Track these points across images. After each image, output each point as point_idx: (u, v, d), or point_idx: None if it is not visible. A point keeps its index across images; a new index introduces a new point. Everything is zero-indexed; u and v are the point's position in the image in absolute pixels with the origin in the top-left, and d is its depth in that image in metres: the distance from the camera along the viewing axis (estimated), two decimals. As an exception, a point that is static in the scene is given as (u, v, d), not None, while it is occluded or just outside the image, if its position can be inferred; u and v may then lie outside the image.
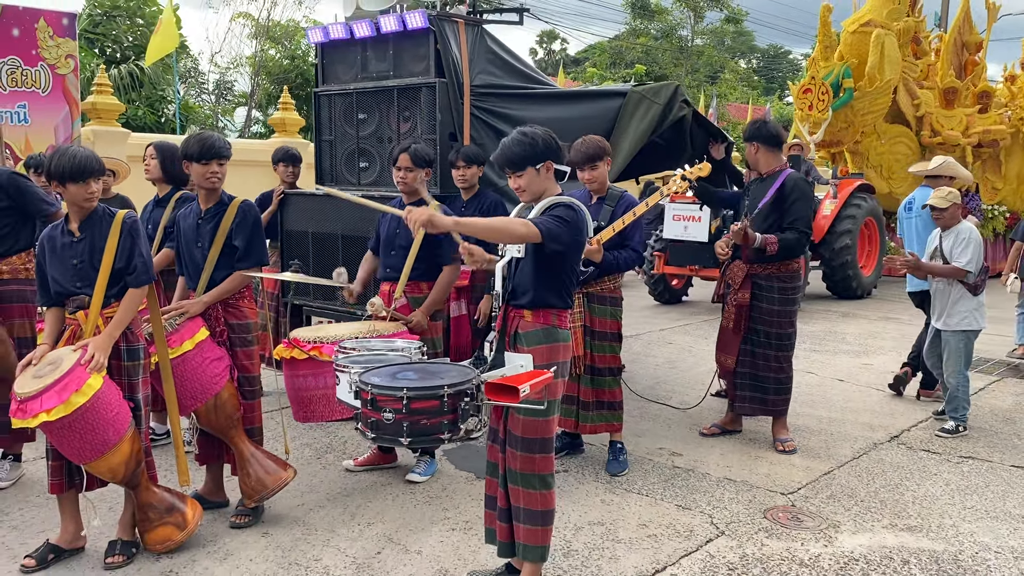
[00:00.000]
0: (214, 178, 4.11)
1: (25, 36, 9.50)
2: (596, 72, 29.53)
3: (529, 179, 3.35)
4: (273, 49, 21.76)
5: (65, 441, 3.49)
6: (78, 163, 3.58)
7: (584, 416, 4.86)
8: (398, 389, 3.12)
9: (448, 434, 3.17)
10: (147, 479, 3.77)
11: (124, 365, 3.70)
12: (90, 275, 3.65)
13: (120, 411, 3.57)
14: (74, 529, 3.76)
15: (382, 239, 4.90)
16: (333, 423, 5.74)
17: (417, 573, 3.65)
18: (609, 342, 4.80)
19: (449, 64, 5.68)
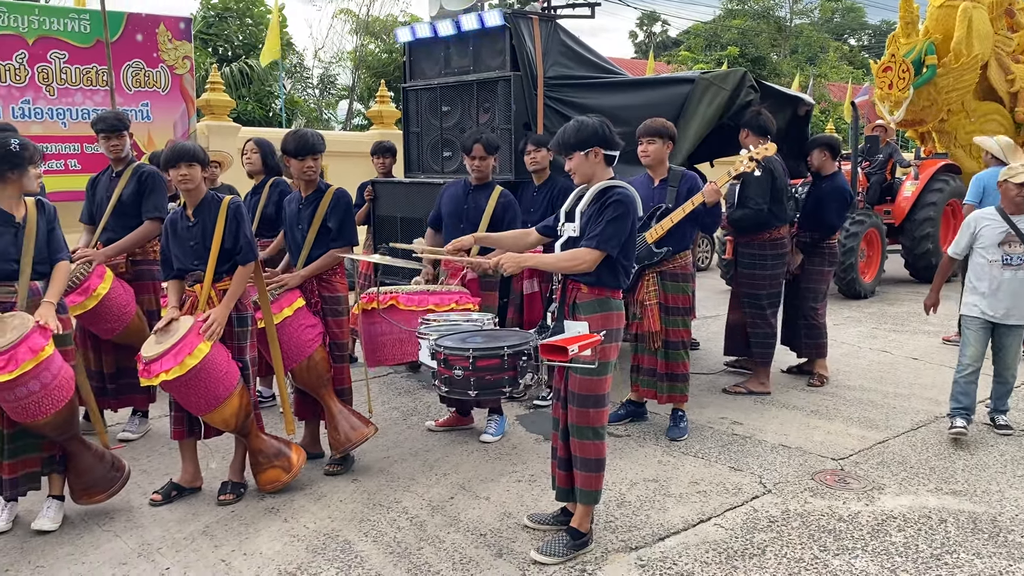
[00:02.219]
0: (310, 172, 4.65)
1: (147, 41, 10.41)
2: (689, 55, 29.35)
3: (578, 162, 3.72)
4: (372, 44, 22.61)
5: (184, 396, 4.11)
6: (173, 150, 4.23)
7: (648, 383, 5.27)
8: (465, 350, 3.64)
9: (508, 388, 3.66)
10: (256, 428, 4.35)
11: (235, 331, 4.29)
12: (203, 254, 4.25)
13: (229, 370, 4.15)
14: (192, 471, 4.40)
15: (446, 214, 5.37)
16: (419, 390, 6.29)
17: (484, 515, 4.12)
18: (681, 316, 5.16)
19: (524, 58, 6.10)
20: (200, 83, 12.59)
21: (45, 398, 3.69)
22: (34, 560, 3.66)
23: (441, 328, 4.24)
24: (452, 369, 3.63)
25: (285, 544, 3.81)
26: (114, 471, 4.11)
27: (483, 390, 3.66)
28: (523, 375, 3.63)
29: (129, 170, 5.13)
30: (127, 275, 5.11)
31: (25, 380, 3.61)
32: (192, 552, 3.73)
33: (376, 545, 3.80)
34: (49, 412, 3.73)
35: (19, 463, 3.91)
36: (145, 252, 5.21)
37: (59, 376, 3.74)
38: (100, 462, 4.08)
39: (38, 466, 3.99)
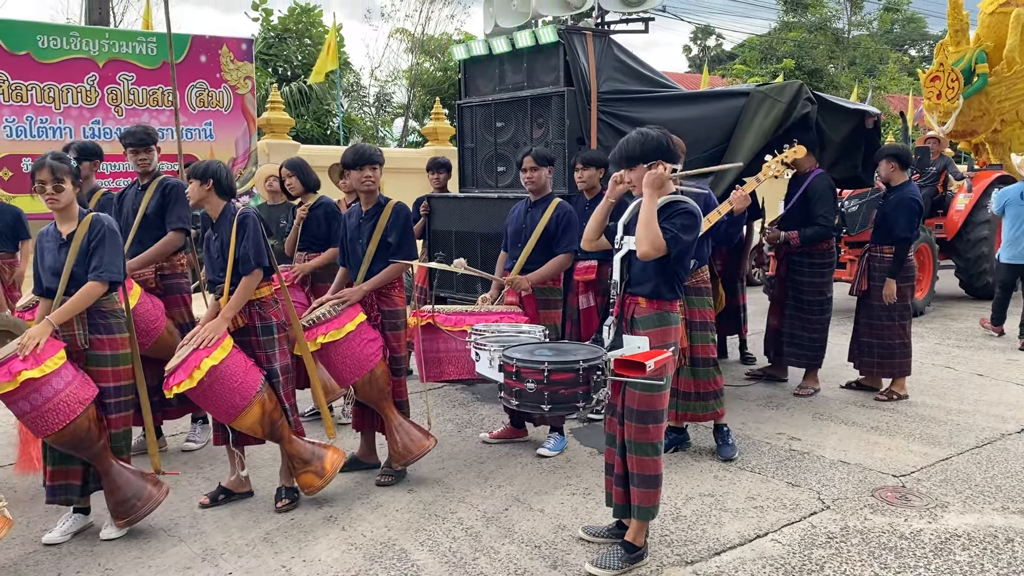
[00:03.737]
0: (368, 181, 4.72)
1: (211, 62, 10.75)
2: (744, 69, 29.12)
3: (640, 175, 3.70)
4: (427, 62, 22.92)
5: (205, 406, 4.29)
6: (357, 152, 4.59)
7: (684, 406, 5.08)
8: (539, 363, 3.59)
9: (583, 403, 3.62)
10: (289, 434, 4.42)
11: (260, 340, 4.38)
12: (223, 266, 4.36)
13: (246, 380, 4.21)
14: (237, 476, 4.52)
15: (509, 233, 5.42)
16: (473, 402, 6.35)
17: (538, 527, 4.14)
18: (708, 332, 5.02)
19: (577, 73, 6.15)
20: (261, 102, 12.91)
21: (38, 419, 3.75)
22: (103, 563, 3.79)
23: (495, 339, 4.26)
24: (524, 382, 3.59)
25: (343, 552, 3.88)
26: (136, 500, 4.04)
27: (556, 404, 3.59)
28: (596, 390, 3.60)
29: (155, 183, 5.19)
30: (157, 290, 5.16)
31: (13, 399, 3.70)
32: (253, 558, 3.82)
33: (432, 555, 3.85)
34: (48, 432, 3.79)
35: (59, 472, 4.01)
36: (174, 266, 5.27)
37: (53, 400, 3.74)
38: (123, 488, 4.03)
39: (79, 479, 4.06)
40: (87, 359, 3.98)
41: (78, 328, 3.94)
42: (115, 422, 4.05)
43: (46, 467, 4.00)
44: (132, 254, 5.08)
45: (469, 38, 22.86)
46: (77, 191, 4.07)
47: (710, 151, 6.03)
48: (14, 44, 9.37)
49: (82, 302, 3.90)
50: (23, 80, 9.44)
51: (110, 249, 3.99)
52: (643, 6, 6.52)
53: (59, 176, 3.94)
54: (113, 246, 4.02)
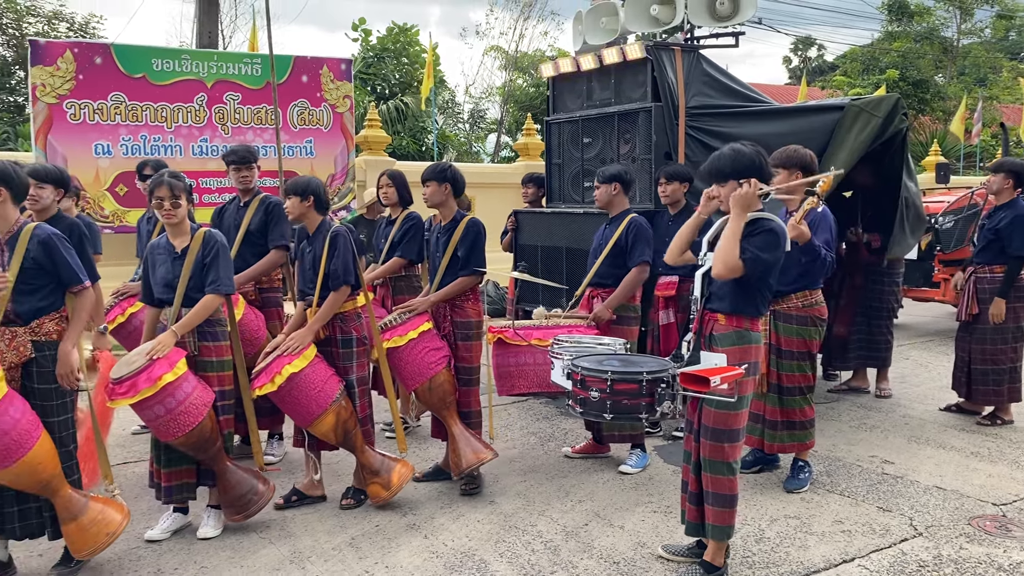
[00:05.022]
0: (424, 195, 4.92)
1: (311, 82, 11.13)
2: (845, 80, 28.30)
3: (730, 191, 3.67)
4: (520, 78, 23.16)
5: (284, 408, 4.51)
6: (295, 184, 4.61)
7: (771, 435, 4.92)
8: (603, 372, 3.69)
9: (645, 414, 3.67)
10: (362, 443, 4.58)
11: (340, 352, 4.56)
12: (314, 279, 4.54)
13: (324, 389, 4.39)
14: (310, 478, 4.71)
15: (591, 250, 5.45)
16: (556, 416, 6.38)
17: (618, 543, 4.13)
18: (797, 361, 4.80)
19: (665, 89, 6.14)
20: (359, 120, 13.30)
21: (171, 422, 3.96)
22: (199, 561, 3.98)
23: (574, 349, 4.31)
24: (588, 390, 3.68)
25: (424, 560, 3.96)
26: (253, 495, 4.28)
27: (619, 414, 3.69)
28: (660, 402, 3.63)
29: (256, 200, 5.37)
30: (256, 302, 5.34)
31: (149, 404, 3.92)
32: (339, 562, 3.94)
33: (511, 566, 3.89)
34: (178, 434, 4.00)
35: (174, 473, 4.22)
36: (271, 280, 5.45)
37: (184, 403, 3.97)
38: (240, 485, 4.26)
39: (193, 478, 4.28)
40: (196, 365, 4.20)
41: (189, 336, 4.17)
42: (222, 424, 4.27)
43: (159, 469, 4.22)
44: (235, 269, 5.29)
45: (562, 54, 23.01)
46: (190, 207, 4.32)
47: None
48: (131, 67, 9.92)
49: (203, 313, 4.15)
50: (139, 101, 9.98)
51: (224, 264, 4.23)
52: (734, 20, 6.47)
53: (176, 193, 4.18)
54: (226, 261, 4.26)
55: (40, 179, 4.67)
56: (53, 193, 4.73)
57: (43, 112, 9.49)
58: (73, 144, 9.65)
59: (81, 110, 9.67)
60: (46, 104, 9.48)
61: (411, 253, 5.62)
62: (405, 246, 5.61)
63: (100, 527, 3.74)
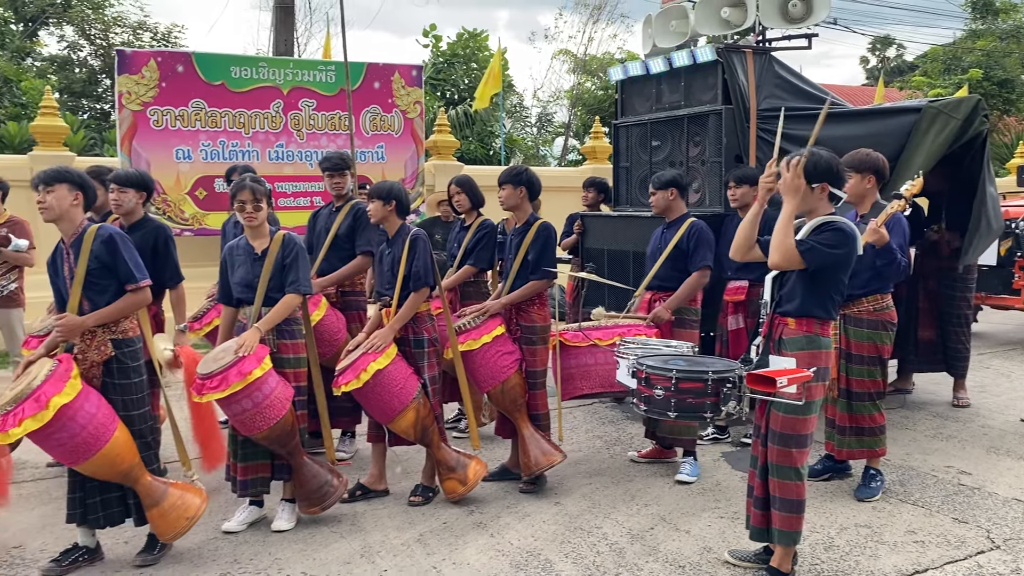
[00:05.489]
0: (500, 198, 4.98)
1: (383, 88, 11.35)
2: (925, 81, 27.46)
3: (803, 194, 3.67)
4: (589, 82, 23.14)
5: (366, 406, 4.63)
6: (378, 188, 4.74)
7: (840, 441, 4.85)
8: (668, 370, 3.71)
9: (710, 414, 3.68)
10: (439, 440, 4.67)
11: (412, 352, 4.67)
12: (393, 280, 4.64)
13: (405, 386, 4.51)
14: (377, 473, 4.85)
15: (648, 253, 5.45)
16: (622, 420, 6.38)
17: (683, 547, 4.12)
18: (867, 366, 4.74)
19: (736, 91, 6.10)
20: (428, 125, 13.47)
21: (257, 416, 4.11)
22: (273, 553, 4.11)
23: (640, 350, 4.32)
24: (653, 388, 3.70)
25: (491, 558, 4.02)
26: (328, 487, 4.42)
27: (683, 412, 3.70)
28: (725, 402, 3.62)
29: (348, 206, 5.52)
30: (337, 304, 5.46)
31: (237, 399, 4.06)
32: (407, 557, 4.03)
33: (576, 567, 3.92)
34: (263, 428, 4.14)
35: (250, 467, 4.37)
36: (353, 284, 5.56)
37: (270, 397, 4.12)
38: (316, 478, 4.40)
39: (268, 472, 4.42)
40: (274, 362, 4.34)
41: (269, 334, 4.32)
42: (298, 419, 4.40)
43: (235, 464, 4.38)
44: (321, 271, 5.42)
45: (631, 56, 22.93)
46: (270, 211, 4.47)
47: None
48: (211, 75, 10.27)
49: (283, 311, 4.30)
50: (218, 108, 10.32)
51: (302, 265, 4.39)
52: (807, 22, 6.38)
53: (257, 197, 4.34)
54: (304, 262, 4.41)
55: (121, 183, 4.87)
56: (135, 197, 4.93)
57: (128, 119, 9.90)
58: (156, 149, 10.04)
59: (163, 117, 10.05)
60: (131, 111, 9.89)
61: (483, 262, 5.67)
62: (477, 254, 5.66)
63: (180, 512, 3.93)
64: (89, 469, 3.75)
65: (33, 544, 4.21)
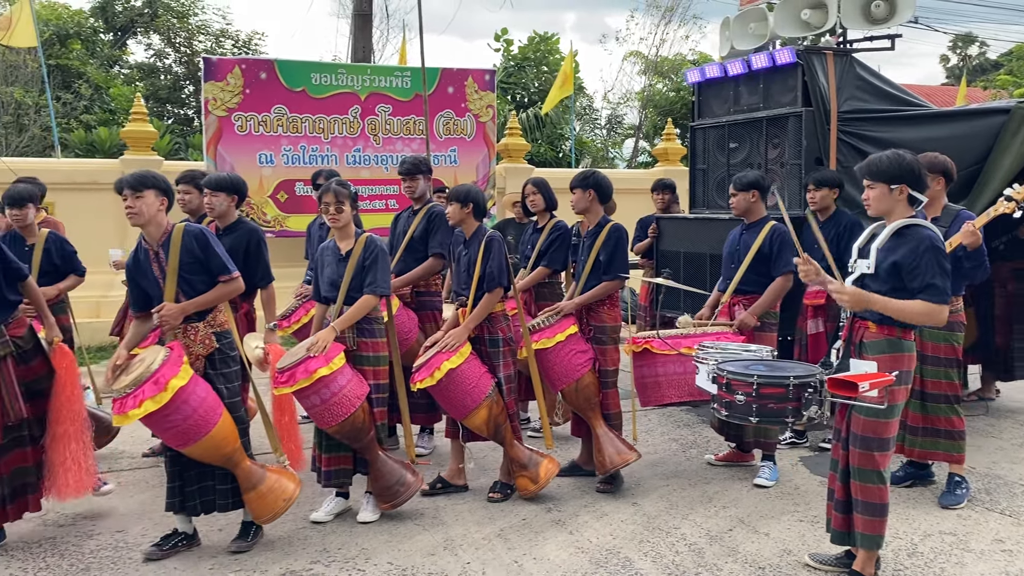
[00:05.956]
0: (571, 202, 5.07)
1: (457, 93, 11.52)
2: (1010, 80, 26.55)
3: (880, 194, 3.64)
4: (660, 83, 23.02)
5: (440, 401, 4.75)
6: (456, 191, 4.86)
7: (911, 441, 4.77)
8: (750, 376, 3.74)
9: (792, 418, 3.70)
10: (512, 438, 4.77)
11: (487, 351, 4.78)
12: (469, 281, 4.75)
13: (479, 384, 4.62)
14: (455, 468, 4.99)
15: (724, 256, 5.44)
16: (698, 424, 6.38)
17: (763, 549, 4.13)
18: (943, 368, 4.68)
19: (816, 93, 6.05)
20: (499, 128, 13.60)
21: (326, 411, 4.27)
22: (360, 543, 4.25)
23: (719, 355, 4.34)
24: (734, 394, 3.72)
25: (571, 554, 4.09)
26: (400, 486, 4.52)
27: (765, 417, 3.72)
28: (807, 407, 3.63)
29: (424, 209, 5.64)
30: (412, 304, 5.58)
31: (306, 394, 4.25)
32: (489, 551, 4.13)
33: (655, 565, 3.97)
34: (332, 423, 4.30)
35: (333, 459, 4.53)
36: (428, 284, 5.67)
37: (338, 395, 4.26)
38: (390, 475, 4.52)
39: (350, 464, 4.57)
40: (353, 359, 4.50)
41: (348, 332, 4.48)
42: (375, 416, 4.54)
43: (320, 455, 4.55)
44: (397, 272, 5.53)
45: (703, 57, 22.72)
46: (354, 213, 4.63)
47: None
48: (292, 81, 10.59)
49: (360, 312, 4.45)
50: (299, 113, 10.63)
51: (382, 267, 4.52)
52: (889, 23, 6.29)
53: (340, 199, 4.51)
54: (384, 264, 4.55)
55: (213, 187, 5.10)
56: (227, 200, 5.15)
57: (213, 124, 10.27)
58: (240, 154, 10.39)
59: (247, 122, 10.40)
60: (216, 117, 10.26)
61: (557, 263, 5.74)
62: (551, 256, 5.73)
63: (277, 494, 4.12)
64: (196, 452, 3.95)
65: (134, 529, 4.44)
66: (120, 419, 3.77)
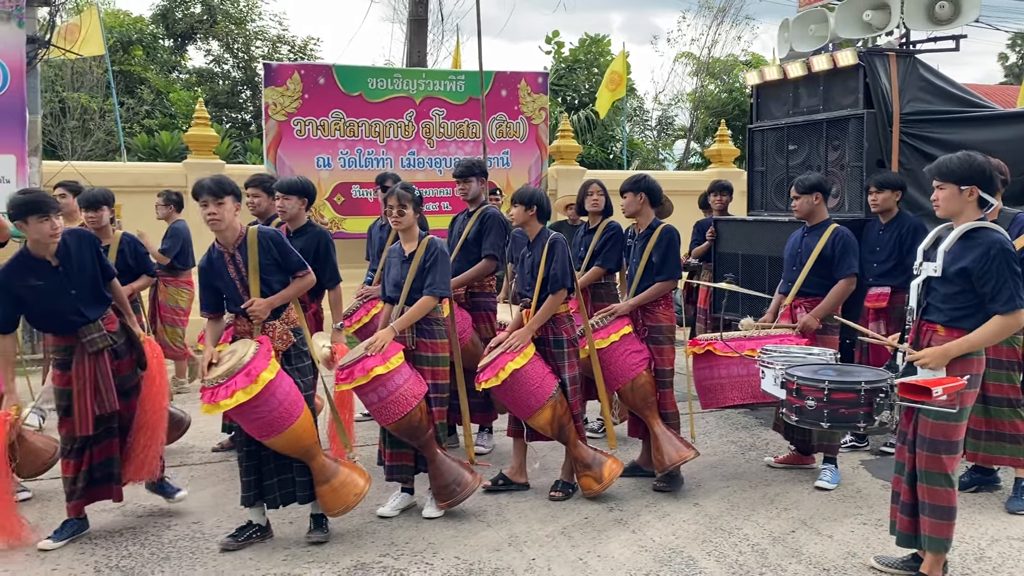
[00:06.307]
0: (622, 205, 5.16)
1: (510, 95, 11.61)
2: (1075, 79, 25.83)
3: (949, 195, 3.63)
4: (712, 84, 22.87)
5: (505, 401, 4.85)
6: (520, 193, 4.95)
7: (974, 444, 4.71)
8: (820, 381, 3.74)
9: (863, 424, 3.69)
10: (575, 438, 4.83)
11: (552, 352, 4.84)
12: (532, 282, 4.83)
13: (543, 384, 4.69)
14: (517, 466, 5.07)
15: (786, 259, 5.44)
16: (756, 426, 6.37)
17: (827, 551, 4.14)
18: (1005, 371, 4.63)
19: (879, 95, 6.01)
20: (551, 131, 13.66)
21: (383, 409, 4.39)
22: (427, 537, 4.36)
23: (783, 359, 4.34)
24: (804, 399, 3.73)
25: (634, 552, 4.15)
26: (457, 486, 4.59)
27: (836, 422, 3.73)
28: (879, 411, 3.63)
29: (479, 211, 5.73)
30: (466, 305, 5.66)
31: (364, 392, 4.38)
32: (553, 548, 4.20)
33: (719, 565, 4.00)
34: (389, 421, 4.42)
35: (396, 455, 4.66)
36: (483, 286, 5.74)
37: (395, 393, 4.38)
38: (448, 474, 4.59)
39: (412, 461, 4.68)
40: (413, 358, 4.61)
41: (408, 332, 4.59)
42: (434, 415, 4.64)
43: (385, 450, 4.67)
44: (452, 273, 5.56)
45: (756, 58, 22.51)
46: (417, 216, 4.74)
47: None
48: (349, 86, 10.78)
49: (418, 312, 4.56)
50: (355, 118, 10.82)
51: (442, 269, 4.62)
52: (954, 23, 6.22)
53: (404, 202, 4.63)
54: (444, 266, 4.65)
55: (285, 191, 5.26)
56: (298, 203, 5.31)
57: (273, 129, 10.50)
58: (298, 158, 10.60)
59: (306, 127, 10.61)
60: (276, 122, 10.48)
61: (611, 263, 5.79)
62: (606, 256, 5.79)
63: (349, 488, 4.27)
64: (279, 443, 4.11)
65: (209, 521, 4.60)
66: (210, 408, 3.94)
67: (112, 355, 4.37)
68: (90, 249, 4.37)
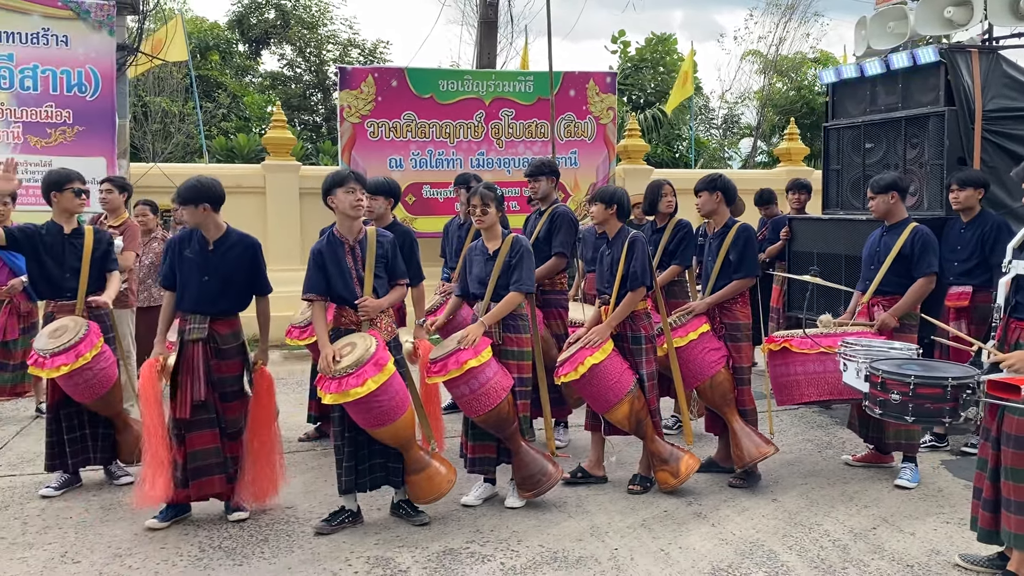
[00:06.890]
0: (697, 204, 5.23)
1: (578, 95, 11.70)
2: None
3: None
4: (780, 82, 22.60)
5: (584, 395, 4.97)
6: (602, 192, 5.03)
7: None
8: (906, 375, 3.75)
9: (948, 419, 3.69)
10: (652, 432, 4.91)
11: (631, 348, 4.92)
12: (612, 280, 4.94)
13: (621, 379, 4.78)
14: (595, 459, 5.18)
15: (864, 258, 5.42)
16: (831, 425, 6.37)
17: (909, 548, 4.15)
18: None
19: (960, 92, 5.95)
20: (618, 130, 13.71)
21: (474, 401, 4.54)
22: (511, 526, 4.50)
23: (865, 352, 4.35)
24: (889, 393, 3.75)
25: (715, 545, 4.22)
26: (542, 476, 4.73)
27: (921, 417, 3.73)
28: (965, 408, 3.63)
29: (550, 210, 5.83)
30: (537, 302, 5.62)
31: (456, 384, 4.53)
32: (635, 539, 4.30)
33: (800, 559, 4.05)
34: (479, 412, 4.56)
35: (478, 447, 4.80)
36: (553, 283, 5.83)
37: (486, 386, 4.53)
38: (532, 464, 4.74)
39: (494, 453, 4.82)
40: (499, 353, 4.75)
41: (495, 327, 4.74)
42: (519, 408, 4.78)
43: (467, 443, 4.83)
44: None
45: (824, 55, 22.16)
46: (499, 215, 4.88)
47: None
48: (421, 88, 11.00)
49: (506, 308, 4.71)
50: (427, 119, 11.04)
51: (527, 265, 4.76)
52: (1039, 17, 6.12)
53: (486, 202, 4.78)
54: (529, 262, 4.79)
55: (372, 191, 5.44)
56: (384, 203, 5.50)
57: (348, 131, 10.78)
58: (372, 159, 10.86)
59: (379, 128, 10.87)
60: (351, 124, 10.76)
61: (686, 260, 5.86)
62: (681, 253, 5.85)
63: (441, 477, 4.50)
64: (386, 434, 4.32)
65: (302, 506, 4.81)
66: (337, 397, 4.15)
67: (214, 352, 4.58)
68: (252, 254, 4.67)
